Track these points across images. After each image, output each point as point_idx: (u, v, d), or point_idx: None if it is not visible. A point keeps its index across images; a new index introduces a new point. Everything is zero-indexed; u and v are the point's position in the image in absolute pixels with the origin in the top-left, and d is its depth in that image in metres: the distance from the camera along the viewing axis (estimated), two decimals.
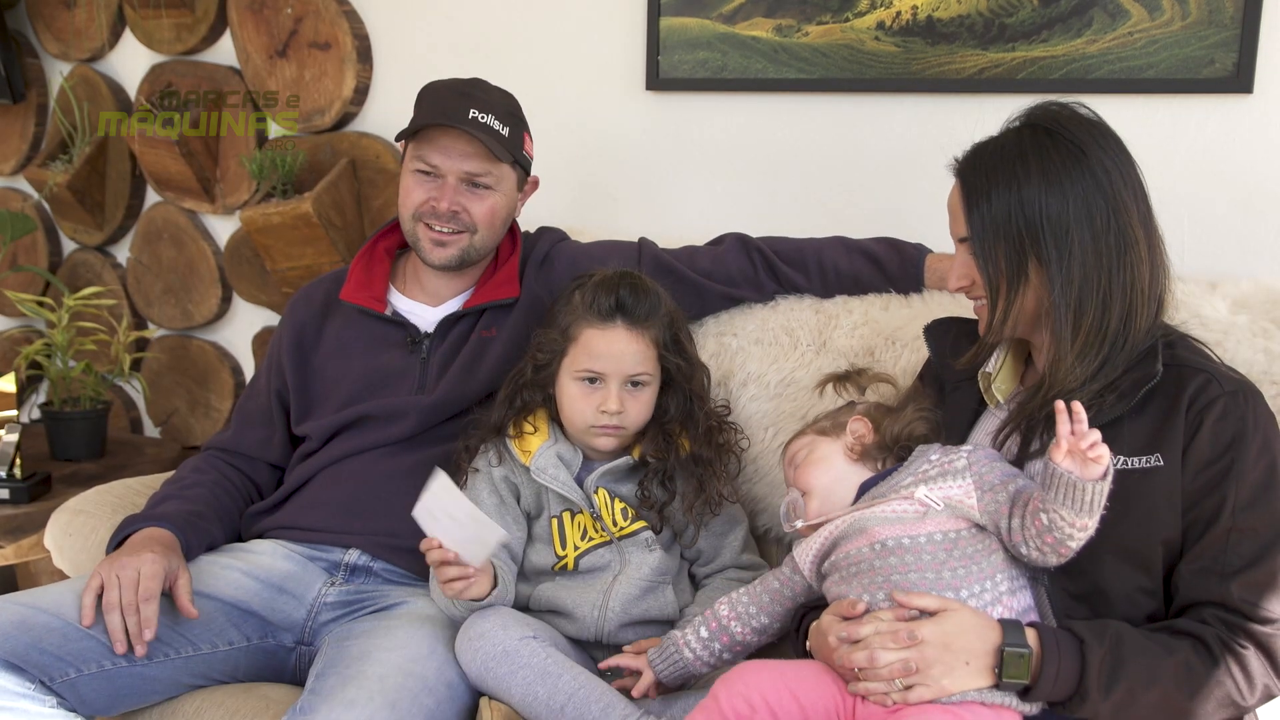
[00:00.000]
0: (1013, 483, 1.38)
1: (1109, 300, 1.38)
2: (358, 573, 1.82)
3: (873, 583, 1.37)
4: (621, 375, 1.71)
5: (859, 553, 1.39)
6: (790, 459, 1.61)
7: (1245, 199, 1.96)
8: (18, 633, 1.54)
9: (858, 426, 1.55)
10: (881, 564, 1.36)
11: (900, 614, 1.32)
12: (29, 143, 3.20)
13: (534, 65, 2.51)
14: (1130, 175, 1.41)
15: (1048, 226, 1.37)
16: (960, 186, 1.46)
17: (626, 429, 1.73)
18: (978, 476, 1.39)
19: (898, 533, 1.37)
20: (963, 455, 1.42)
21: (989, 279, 1.42)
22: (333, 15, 2.66)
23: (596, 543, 1.73)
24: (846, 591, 1.39)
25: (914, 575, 1.35)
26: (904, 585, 1.34)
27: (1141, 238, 1.39)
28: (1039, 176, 1.38)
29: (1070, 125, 1.41)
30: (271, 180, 2.64)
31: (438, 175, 1.89)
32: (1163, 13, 1.94)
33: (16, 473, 2.47)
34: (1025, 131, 1.43)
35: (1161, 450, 1.36)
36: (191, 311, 3.03)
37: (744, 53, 2.27)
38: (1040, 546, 1.32)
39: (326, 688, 1.47)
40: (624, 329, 1.72)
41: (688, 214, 2.41)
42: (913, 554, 1.35)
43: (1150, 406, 1.38)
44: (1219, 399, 1.36)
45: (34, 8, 3.12)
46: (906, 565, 1.35)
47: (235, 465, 1.97)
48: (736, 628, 1.54)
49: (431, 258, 1.92)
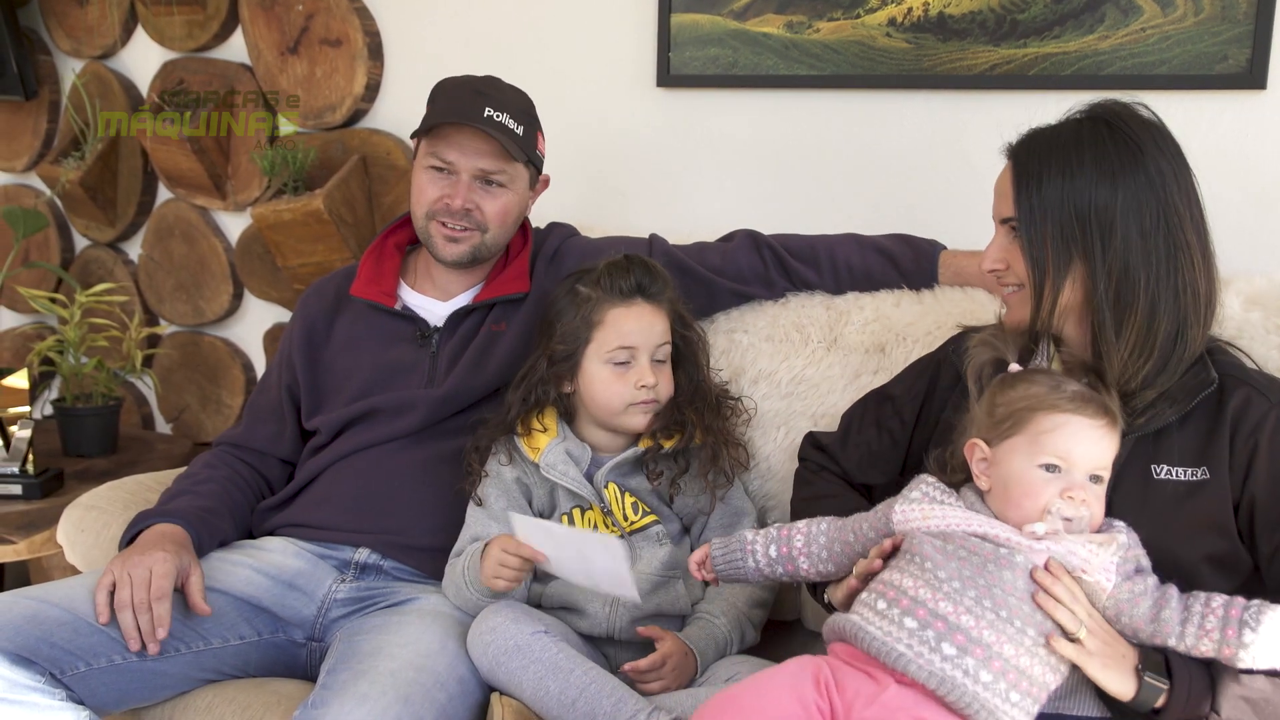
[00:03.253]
0: (1150, 575, 1.34)
1: (1156, 301, 1.37)
2: (368, 571, 1.83)
3: (973, 582, 1.32)
4: (651, 347, 1.75)
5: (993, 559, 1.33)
6: (1106, 465, 1.37)
7: (1258, 195, 1.95)
8: (29, 626, 1.54)
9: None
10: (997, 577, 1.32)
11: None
12: (41, 139, 3.21)
13: (545, 62, 2.51)
14: (1184, 181, 1.40)
15: (1095, 218, 1.37)
16: (1012, 168, 1.45)
17: (661, 402, 1.76)
18: (1122, 562, 1.33)
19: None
20: (1122, 530, 1.36)
21: (1034, 263, 1.41)
22: (344, 12, 2.66)
23: None
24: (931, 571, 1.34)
25: (1012, 600, 1.30)
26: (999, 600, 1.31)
27: (1194, 243, 1.38)
28: (1092, 167, 1.38)
29: (1130, 123, 1.41)
30: (283, 177, 2.64)
31: (452, 172, 1.89)
32: (1175, 9, 1.93)
33: (29, 468, 2.48)
34: (1085, 123, 1.43)
35: (1209, 465, 1.36)
36: (203, 308, 3.03)
37: (755, 49, 2.27)
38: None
39: (338, 682, 1.47)
40: (646, 305, 1.76)
41: (698, 211, 2.41)
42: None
43: (1194, 417, 1.37)
44: (1270, 414, 1.36)
45: (47, 5, 3.13)
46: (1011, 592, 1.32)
47: (247, 461, 1.98)
48: (804, 564, 1.51)
49: (444, 254, 1.92)
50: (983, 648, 1.27)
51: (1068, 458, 1.33)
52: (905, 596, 1.32)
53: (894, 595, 1.33)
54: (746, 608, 1.73)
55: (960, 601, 1.29)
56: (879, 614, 1.33)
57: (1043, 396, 1.36)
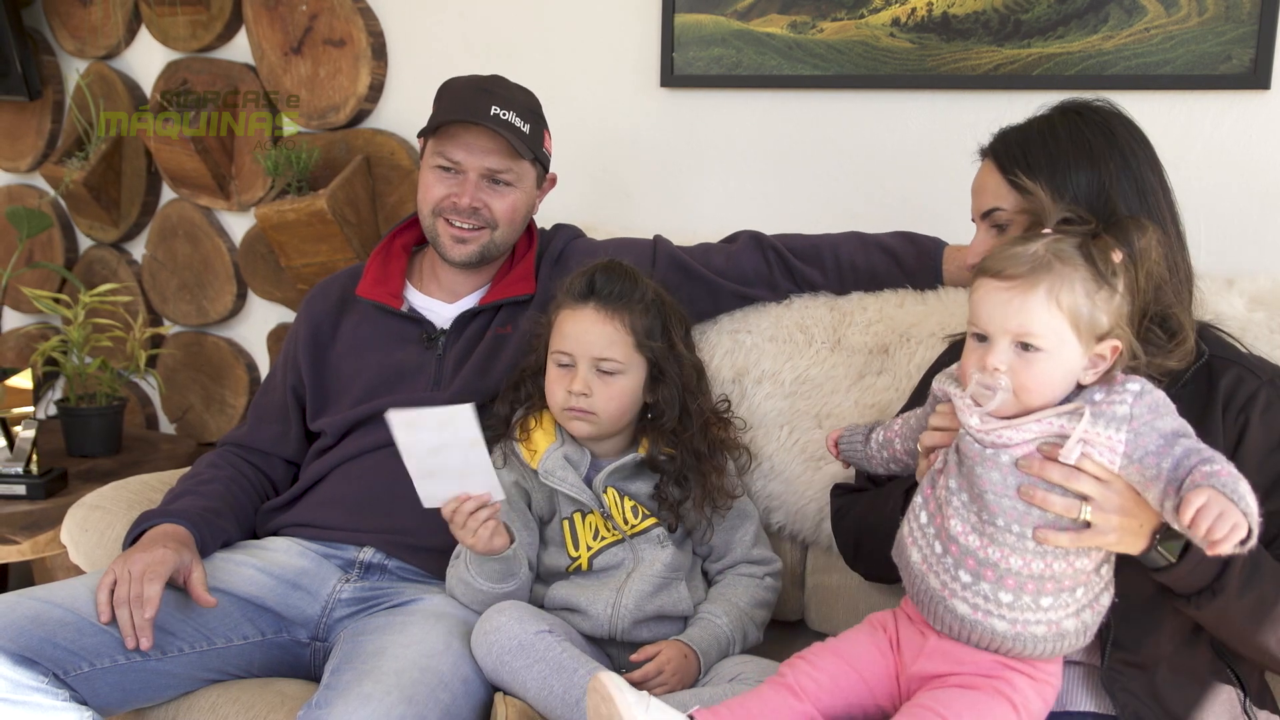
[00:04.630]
0: (1169, 454, 1.19)
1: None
2: (372, 570, 1.83)
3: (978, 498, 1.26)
4: (588, 357, 1.71)
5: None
6: (1024, 332, 1.24)
7: (1262, 195, 1.95)
8: (32, 627, 1.54)
9: (1107, 353, 1.25)
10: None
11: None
12: (45, 140, 3.22)
13: (548, 62, 2.51)
14: (1155, 165, 1.43)
15: (1084, 196, 1.38)
16: (994, 160, 1.48)
17: (598, 415, 1.72)
18: (1133, 436, 1.21)
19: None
20: (1127, 400, 1.22)
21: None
22: (347, 12, 2.66)
23: (609, 541, 1.74)
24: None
25: (1005, 503, 1.25)
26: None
27: (1169, 222, 1.41)
28: (1070, 148, 1.40)
29: (1098, 112, 1.45)
30: (286, 177, 2.65)
31: (459, 171, 1.89)
32: (1179, 9, 1.93)
33: (33, 468, 2.48)
34: (1056, 115, 1.46)
35: (1204, 441, 1.36)
36: (207, 308, 3.04)
37: (758, 49, 2.27)
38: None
39: (342, 682, 1.47)
40: (594, 310, 1.73)
41: (702, 211, 2.41)
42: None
43: (1186, 394, 1.37)
44: (1259, 391, 1.38)
45: (50, 5, 3.13)
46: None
47: (251, 461, 1.98)
48: (898, 445, 1.48)
49: (452, 254, 1.92)
50: (991, 568, 1.24)
51: (976, 322, 1.26)
52: (939, 514, 1.30)
53: (934, 509, 1.31)
54: (749, 608, 1.74)
55: (966, 519, 1.26)
56: (921, 531, 1.32)
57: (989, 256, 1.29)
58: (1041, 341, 1.22)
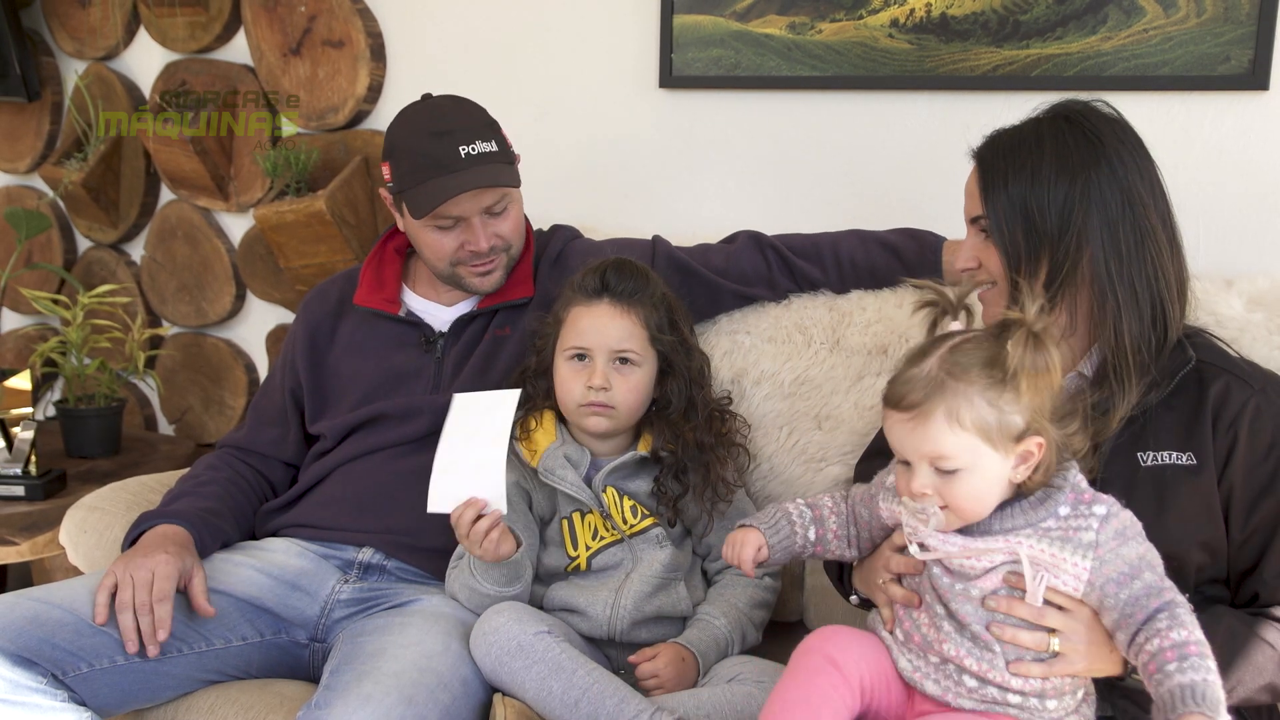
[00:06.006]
0: (1127, 587, 1.20)
1: (1136, 290, 1.38)
2: (371, 571, 1.82)
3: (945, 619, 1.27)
4: (607, 350, 1.72)
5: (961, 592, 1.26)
6: (936, 456, 1.23)
7: (1261, 196, 1.95)
8: (31, 627, 1.54)
9: (1033, 449, 1.23)
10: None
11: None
12: (44, 141, 3.21)
13: (547, 63, 2.51)
14: (1148, 171, 1.42)
15: (1055, 213, 1.38)
16: (978, 169, 1.48)
17: (617, 409, 1.73)
18: (1098, 564, 1.21)
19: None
20: (1093, 525, 1.22)
21: (1007, 261, 1.42)
22: (346, 13, 2.66)
23: (608, 541, 1.74)
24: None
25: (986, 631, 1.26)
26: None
27: (1161, 230, 1.40)
28: (1053, 162, 1.40)
29: (1090, 117, 1.44)
30: (285, 178, 2.64)
31: (460, 218, 1.87)
32: (1178, 9, 1.93)
33: (32, 469, 2.48)
34: (1045, 121, 1.46)
35: (1194, 450, 1.37)
36: (205, 309, 3.03)
37: (757, 50, 2.27)
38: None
39: (342, 683, 1.48)
40: (609, 305, 1.74)
41: (701, 212, 2.41)
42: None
43: (1175, 401, 1.38)
44: (1249, 400, 1.37)
45: (49, 6, 3.13)
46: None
47: (250, 463, 1.98)
48: (833, 545, 1.45)
49: (483, 287, 1.93)
50: (997, 687, 1.25)
51: (893, 449, 1.27)
52: (918, 632, 1.30)
53: (910, 627, 1.32)
54: (747, 609, 1.74)
55: (960, 644, 1.26)
56: (902, 644, 1.32)
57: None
58: (956, 462, 1.21)
